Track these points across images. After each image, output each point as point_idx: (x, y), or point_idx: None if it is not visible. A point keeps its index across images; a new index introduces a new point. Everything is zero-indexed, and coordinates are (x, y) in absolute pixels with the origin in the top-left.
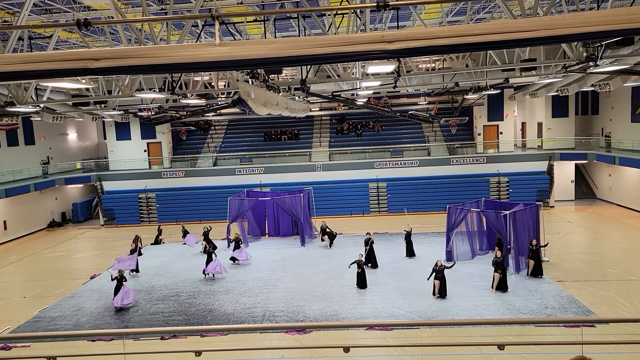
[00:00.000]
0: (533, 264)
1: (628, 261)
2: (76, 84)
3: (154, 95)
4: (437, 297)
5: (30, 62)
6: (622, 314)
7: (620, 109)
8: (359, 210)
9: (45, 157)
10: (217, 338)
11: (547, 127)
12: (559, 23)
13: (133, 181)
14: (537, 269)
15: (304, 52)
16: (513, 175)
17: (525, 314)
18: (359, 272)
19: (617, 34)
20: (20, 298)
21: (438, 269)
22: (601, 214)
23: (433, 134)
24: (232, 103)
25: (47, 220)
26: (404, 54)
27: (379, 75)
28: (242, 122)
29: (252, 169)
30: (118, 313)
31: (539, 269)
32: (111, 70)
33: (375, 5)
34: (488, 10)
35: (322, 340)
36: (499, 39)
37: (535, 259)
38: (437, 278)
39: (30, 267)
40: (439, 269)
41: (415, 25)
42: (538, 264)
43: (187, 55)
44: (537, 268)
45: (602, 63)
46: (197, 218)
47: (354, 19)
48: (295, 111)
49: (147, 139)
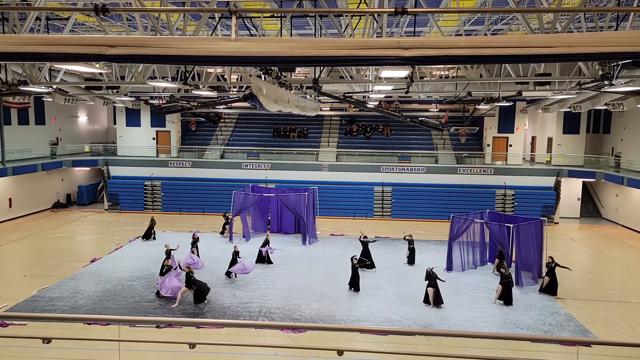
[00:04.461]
0: (548, 281)
1: (629, 283)
2: (90, 68)
3: (166, 84)
4: (431, 307)
5: (46, 44)
6: (620, 336)
7: (632, 130)
8: (362, 212)
9: (55, 138)
10: (213, 330)
11: (557, 142)
12: (578, 41)
13: (140, 168)
14: (553, 287)
15: (319, 53)
16: (519, 188)
17: (522, 328)
18: (355, 274)
19: (634, 55)
20: (20, 276)
21: (430, 276)
22: (606, 233)
23: (442, 141)
24: (243, 97)
25: (52, 201)
26: (419, 61)
27: (392, 79)
28: (251, 117)
29: (258, 164)
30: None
31: (554, 287)
32: (125, 58)
33: (393, 11)
34: (506, 22)
35: (316, 340)
36: (516, 53)
37: (551, 277)
38: (430, 285)
39: (32, 246)
40: (431, 276)
41: (432, 32)
42: (554, 282)
43: (202, 48)
44: (553, 286)
45: (617, 82)
46: (201, 209)
47: (371, 22)
48: (305, 110)
49: (156, 127)
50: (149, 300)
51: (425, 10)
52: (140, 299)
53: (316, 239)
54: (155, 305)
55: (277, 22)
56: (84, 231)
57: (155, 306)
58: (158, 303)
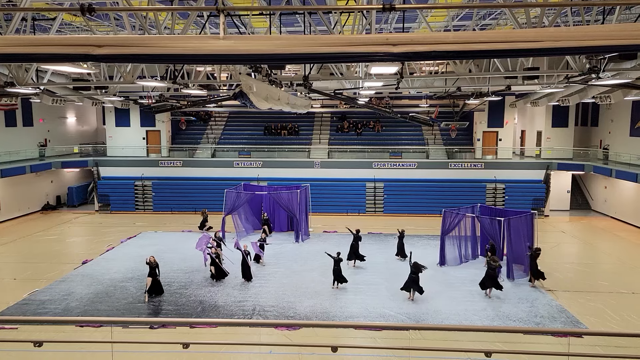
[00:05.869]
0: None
1: (619, 274)
2: (78, 68)
3: (155, 83)
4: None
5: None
6: (611, 326)
7: (619, 122)
8: (355, 209)
9: (43, 140)
10: (206, 330)
11: (546, 136)
12: (564, 35)
13: (130, 168)
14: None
15: (307, 50)
16: (510, 182)
17: (515, 321)
18: (336, 269)
19: (620, 49)
20: (10, 279)
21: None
22: (595, 225)
23: (433, 137)
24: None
25: (42, 203)
26: (407, 57)
27: (382, 75)
28: (242, 115)
29: (250, 163)
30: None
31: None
32: (113, 58)
33: (381, 8)
34: (494, 17)
35: (310, 337)
36: (503, 48)
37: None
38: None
39: (22, 249)
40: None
41: (421, 28)
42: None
43: (190, 47)
44: (537, 272)
45: (604, 76)
46: (192, 209)
47: (360, 19)
48: (296, 107)
49: (146, 127)
50: (142, 301)
51: (413, 6)
52: (132, 300)
53: (308, 236)
54: (148, 306)
55: (266, 19)
56: (75, 233)
57: (148, 307)
58: (151, 304)
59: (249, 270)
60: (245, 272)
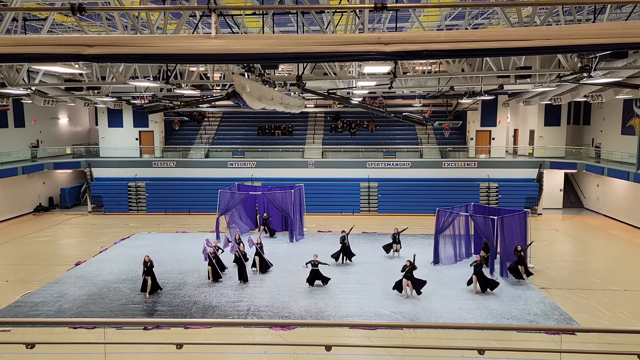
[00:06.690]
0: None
1: (611, 271)
2: (69, 68)
3: (148, 83)
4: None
5: (22, 45)
6: (603, 323)
7: (611, 121)
8: (349, 209)
9: (35, 141)
10: (201, 330)
11: (538, 135)
12: (555, 34)
13: (123, 169)
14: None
15: (300, 50)
16: (503, 181)
17: (508, 319)
18: (314, 270)
19: (611, 47)
20: (2, 282)
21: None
22: (588, 223)
23: (426, 136)
24: (226, 96)
25: (34, 205)
26: (400, 56)
27: (375, 75)
28: (236, 115)
29: (244, 163)
30: (104, 299)
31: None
32: (104, 58)
33: (373, 7)
34: (486, 16)
35: (305, 337)
36: (495, 47)
37: (522, 264)
38: (407, 277)
39: (14, 250)
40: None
41: (413, 27)
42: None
43: (182, 46)
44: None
45: (595, 74)
46: (186, 209)
47: (353, 18)
48: (290, 107)
49: (139, 127)
50: (135, 302)
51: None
52: (126, 301)
53: (303, 236)
54: (142, 307)
55: (258, 19)
56: (68, 234)
57: (142, 308)
58: (145, 304)
59: (245, 272)
60: (242, 273)
